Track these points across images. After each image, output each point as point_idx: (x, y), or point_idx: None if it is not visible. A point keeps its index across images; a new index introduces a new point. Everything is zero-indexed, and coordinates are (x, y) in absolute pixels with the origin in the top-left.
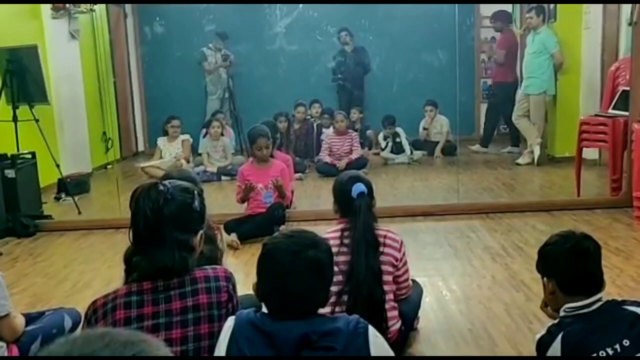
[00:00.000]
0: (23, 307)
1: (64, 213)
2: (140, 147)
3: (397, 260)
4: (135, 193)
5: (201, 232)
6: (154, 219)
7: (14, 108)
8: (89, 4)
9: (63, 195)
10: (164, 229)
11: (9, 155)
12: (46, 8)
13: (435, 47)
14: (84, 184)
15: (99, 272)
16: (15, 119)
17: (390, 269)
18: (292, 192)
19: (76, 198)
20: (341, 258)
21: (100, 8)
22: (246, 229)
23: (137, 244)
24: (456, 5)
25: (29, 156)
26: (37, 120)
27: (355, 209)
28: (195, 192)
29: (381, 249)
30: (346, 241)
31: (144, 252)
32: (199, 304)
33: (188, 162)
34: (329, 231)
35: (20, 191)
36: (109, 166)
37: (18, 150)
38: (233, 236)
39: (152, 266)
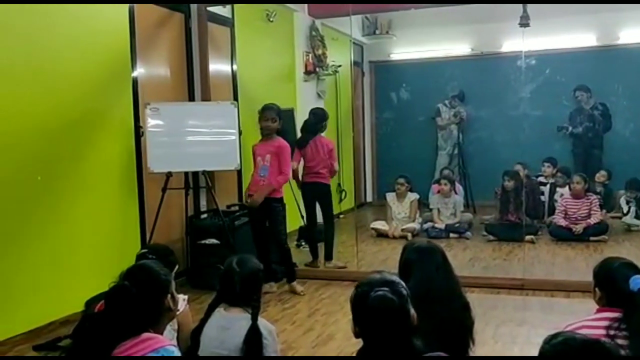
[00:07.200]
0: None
1: (303, 261)
2: (369, 198)
3: None
4: None
5: None
6: None
7: None
8: (331, 68)
9: (303, 243)
10: None
11: None
12: (300, 73)
13: None
14: (320, 233)
15: (341, 325)
16: None
17: None
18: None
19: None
20: None
21: (342, 69)
22: None
23: None
24: None
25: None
26: None
27: (635, 302)
28: None
29: None
30: (615, 333)
31: None
32: None
33: (414, 220)
34: (589, 319)
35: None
36: (341, 216)
37: None
38: None
39: None
